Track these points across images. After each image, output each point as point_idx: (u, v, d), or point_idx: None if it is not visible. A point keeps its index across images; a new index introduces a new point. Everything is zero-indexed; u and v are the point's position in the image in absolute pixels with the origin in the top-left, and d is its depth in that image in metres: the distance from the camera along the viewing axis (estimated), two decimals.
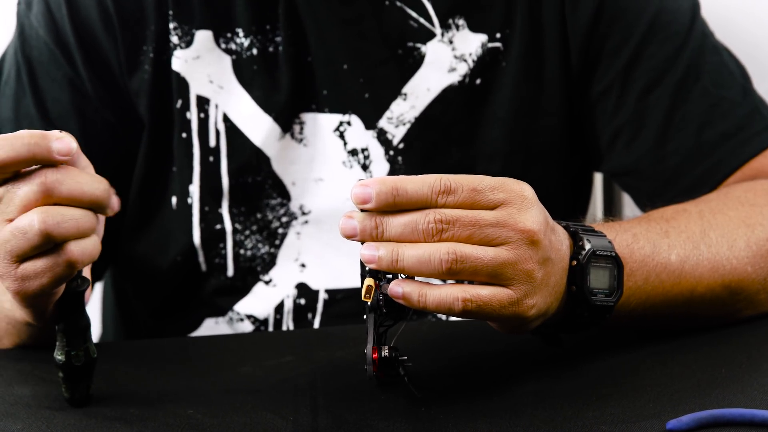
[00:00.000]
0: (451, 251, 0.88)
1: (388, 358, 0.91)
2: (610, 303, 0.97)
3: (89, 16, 1.23)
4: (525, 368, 1.01)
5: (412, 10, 1.24)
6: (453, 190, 0.89)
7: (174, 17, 1.24)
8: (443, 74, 1.25)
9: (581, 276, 0.96)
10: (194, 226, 1.27)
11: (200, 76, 1.25)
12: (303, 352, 1.10)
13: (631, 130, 1.25)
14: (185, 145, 1.26)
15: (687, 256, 1.05)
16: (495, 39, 1.25)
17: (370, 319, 0.91)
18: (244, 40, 1.24)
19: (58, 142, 0.89)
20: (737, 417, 0.86)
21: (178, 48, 1.24)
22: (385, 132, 1.25)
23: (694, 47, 1.24)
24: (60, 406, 0.95)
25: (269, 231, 1.27)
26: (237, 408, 0.95)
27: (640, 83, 1.24)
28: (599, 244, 0.97)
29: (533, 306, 0.91)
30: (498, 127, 1.26)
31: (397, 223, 0.89)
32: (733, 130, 1.23)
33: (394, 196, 0.88)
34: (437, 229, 0.88)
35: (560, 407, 0.92)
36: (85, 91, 1.24)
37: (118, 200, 0.93)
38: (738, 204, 1.13)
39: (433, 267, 0.88)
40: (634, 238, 1.04)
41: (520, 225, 0.90)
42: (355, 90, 1.25)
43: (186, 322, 1.31)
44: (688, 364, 1.00)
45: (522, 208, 0.90)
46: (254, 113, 1.25)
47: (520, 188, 0.91)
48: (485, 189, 0.90)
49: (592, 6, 1.24)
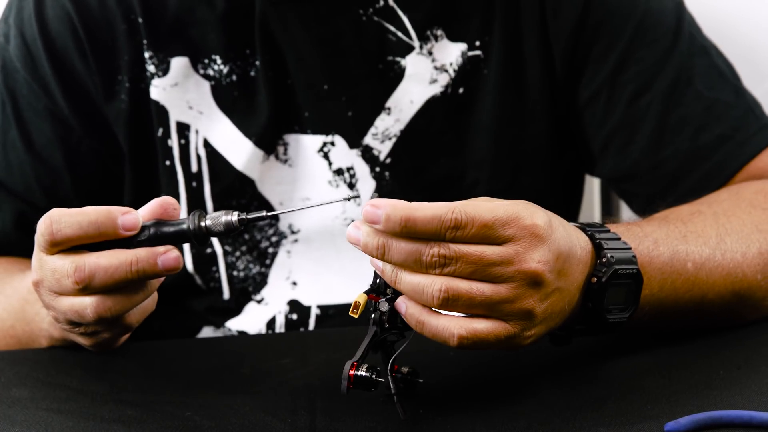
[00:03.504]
0: (444, 288, 0.87)
1: (363, 378, 0.89)
2: (623, 318, 0.97)
3: (65, 47, 1.23)
4: (523, 371, 1.01)
5: (389, 24, 1.23)
6: (463, 226, 0.86)
7: (149, 46, 1.23)
8: (425, 86, 1.25)
9: (599, 295, 0.94)
10: (185, 252, 1.27)
11: (180, 102, 1.24)
12: (300, 354, 1.10)
13: (624, 135, 1.24)
14: (169, 173, 1.26)
15: (702, 264, 1.05)
16: (475, 47, 1.25)
17: (369, 333, 0.91)
18: (223, 66, 1.23)
19: (125, 218, 0.91)
20: (735, 419, 0.86)
21: (155, 77, 1.24)
22: (371, 149, 1.25)
23: (683, 50, 1.24)
24: (57, 409, 0.95)
25: (259, 251, 1.27)
26: (235, 410, 0.95)
27: (629, 88, 1.24)
28: (623, 259, 0.95)
29: (531, 337, 0.90)
30: (484, 134, 1.26)
31: (401, 249, 0.87)
32: (729, 132, 1.22)
33: (402, 227, 0.86)
34: (439, 263, 0.87)
35: (558, 410, 0.92)
36: (67, 121, 1.24)
37: (178, 258, 0.92)
38: (751, 207, 1.13)
39: (425, 299, 0.88)
40: (655, 245, 1.03)
41: (524, 265, 0.88)
42: (338, 109, 1.24)
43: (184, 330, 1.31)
44: (685, 367, 1.00)
45: (530, 246, 0.88)
46: (235, 138, 1.25)
47: (532, 223, 0.88)
48: (496, 225, 0.87)
49: (575, 12, 1.23)
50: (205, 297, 1.29)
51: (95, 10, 1.23)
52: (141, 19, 1.23)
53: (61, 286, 0.92)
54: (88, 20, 1.23)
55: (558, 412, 0.91)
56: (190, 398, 0.98)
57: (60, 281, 0.92)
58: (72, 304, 0.93)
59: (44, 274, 0.93)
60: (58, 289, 0.93)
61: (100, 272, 0.90)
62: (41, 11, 1.23)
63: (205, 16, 1.23)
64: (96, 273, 0.90)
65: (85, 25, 1.23)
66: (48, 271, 0.93)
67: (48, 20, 1.23)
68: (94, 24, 1.23)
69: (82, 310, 0.92)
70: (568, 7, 1.23)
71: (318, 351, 1.11)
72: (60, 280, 0.92)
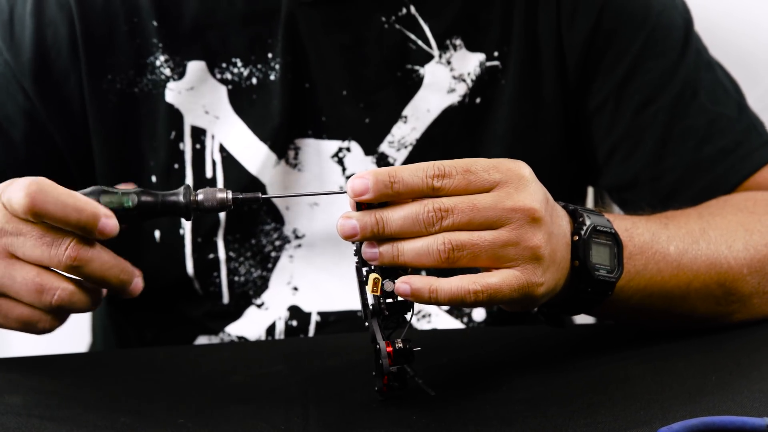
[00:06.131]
0: (447, 241, 0.89)
1: (402, 350, 0.91)
2: (612, 279, 0.98)
3: (56, 33, 1.22)
4: (516, 376, 1.01)
5: (410, 32, 1.24)
6: (447, 174, 0.90)
7: (164, 49, 1.23)
8: (443, 95, 1.25)
9: (584, 250, 0.96)
10: (186, 257, 1.26)
11: (195, 107, 1.24)
12: (295, 362, 1.10)
13: (628, 145, 1.25)
14: (176, 177, 1.25)
15: (686, 250, 1.06)
16: (493, 57, 1.25)
17: (375, 323, 0.92)
18: (243, 69, 1.23)
19: (107, 222, 0.92)
20: (728, 424, 0.86)
21: (171, 80, 1.23)
22: (386, 156, 1.25)
23: (690, 63, 1.25)
24: (50, 416, 0.95)
25: (262, 255, 1.27)
26: (228, 417, 0.95)
27: (636, 99, 1.24)
28: (599, 221, 0.98)
29: (543, 284, 0.92)
30: (499, 144, 1.26)
31: (397, 216, 0.90)
32: (731, 145, 1.23)
33: (391, 184, 0.89)
34: (437, 218, 0.89)
35: (551, 415, 0.92)
36: (34, 101, 1.22)
37: (142, 284, 0.99)
38: (737, 210, 1.14)
39: (432, 258, 0.89)
40: (633, 225, 1.05)
41: (519, 204, 0.90)
42: (356, 116, 1.25)
43: (179, 339, 1.30)
44: (678, 372, 1.00)
45: (519, 186, 0.91)
46: (250, 142, 1.24)
47: (516, 167, 0.92)
48: (479, 170, 0.91)
49: (588, 23, 1.24)
50: (203, 302, 1.28)
51: (98, 5, 1.22)
52: (156, 23, 1.22)
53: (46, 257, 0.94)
54: (88, 14, 1.22)
55: (550, 418, 0.91)
56: (184, 405, 0.98)
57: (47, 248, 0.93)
58: (42, 279, 0.95)
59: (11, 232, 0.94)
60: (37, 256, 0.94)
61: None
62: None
63: (227, 18, 1.23)
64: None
65: (83, 18, 1.22)
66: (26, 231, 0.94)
67: (46, 5, 1.22)
68: (93, 19, 1.22)
69: (48, 290, 0.95)
70: (582, 18, 1.24)
71: (312, 358, 1.11)
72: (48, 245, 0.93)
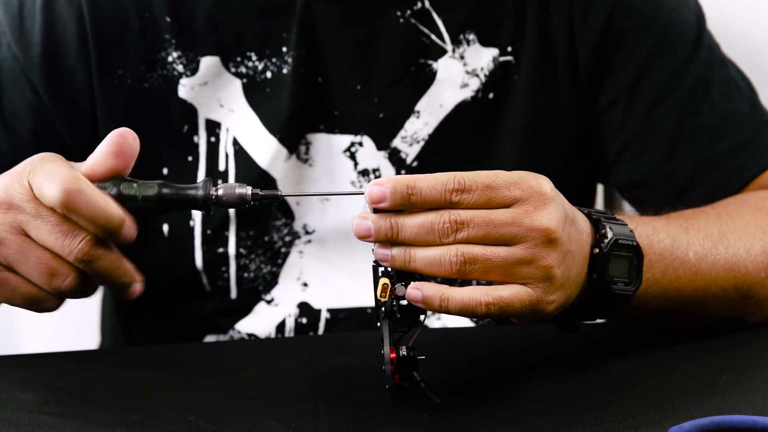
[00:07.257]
0: (460, 253, 0.88)
1: (406, 357, 0.91)
2: (629, 292, 0.97)
3: (65, 30, 1.21)
4: (526, 375, 1.01)
5: (424, 27, 1.24)
6: (467, 188, 0.89)
7: (177, 46, 1.23)
8: (456, 90, 1.25)
9: (602, 265, 0.96)
10: (196, 249, 1.26)
11: (210, 101, 1.24)
12: (305, 359, 1.10)
13: (639, 143, 1.25)
14: (190, 170, 1.25)
15: (705, 255, 1.06)
16: (506, 53, 1.25)
17: (385, 324, 0.92)
18: (258, 63, 1.23)
19: (128, 229, 0.91)
20: (738, 423, 0.85)
21: (183, 76, 1.23)
22: (399, 151, 1.25)
23: (702, 60, 1.24)
24: (61, 413, 0.95)
25: (272, 251, 1.27)
26: (238, 414, 0.95)
27: (647, 96, 1.24)
28: (621, 232, 0.97)
29: (553, 302, 0.91)
30: (511, 140, 1.26)
31: (412, 224, 0.89)
32: (743, 142, 1.23)
33: (409, 196, 0.89)
34: (452, 229, 0.88)
35: (561, 414, 0.92)
36: (42, 96, 1.22)
37: (141, 289, 0.96)
38: (755, 210, 1.14)
39: (443, 268, 0.89)
40: (654, 231, 1.04)
41: (536, 223, 0.90)
42: (369, 110, 1.25)
43: (186, 339, 1.30)
44: (689, 371, 1.00)
45: (539, 205, 0.90)
46: (261, 135, 1.24)
47: (537, 183, 0.91)
48: (500, 186, 0.90)
49: (600, 19, 1.23)
50: (211, 298, 1.28)
51: (108, 1, 1.22)
52: (169, 18, 1.22)
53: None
54: (98, 9, 1.22)
55: (561, 417, 0.91)
56: (193, 402, 0.98)
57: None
58: (55, 265, 0.92)
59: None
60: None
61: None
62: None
63: (242, 12, 1.22)
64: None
65: (93, 14, 1.22)
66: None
67: (56, 0, 1.22)
68: (103, 15, 1.22)
69: (61, 275, 0.92)
70: (595, 15, 1.23)
71: (323, 356, 1.11)
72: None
